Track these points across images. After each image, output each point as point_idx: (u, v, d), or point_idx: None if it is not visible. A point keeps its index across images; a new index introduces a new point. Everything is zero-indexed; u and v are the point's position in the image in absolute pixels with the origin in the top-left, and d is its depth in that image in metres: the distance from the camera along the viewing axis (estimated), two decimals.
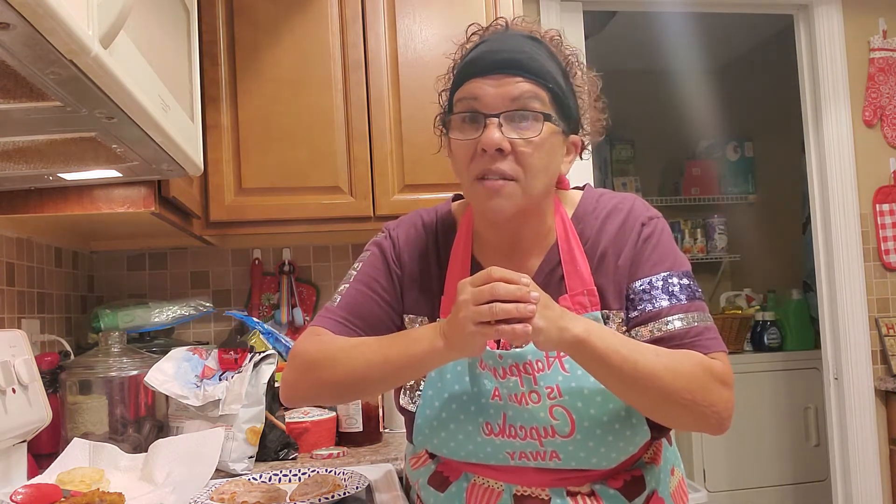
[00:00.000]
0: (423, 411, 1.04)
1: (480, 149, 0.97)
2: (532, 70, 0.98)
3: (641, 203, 1.08)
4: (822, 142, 2.78)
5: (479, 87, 0.98)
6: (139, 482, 1.33)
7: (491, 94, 0.97)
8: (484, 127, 0.97)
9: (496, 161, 0.97)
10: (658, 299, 1.00)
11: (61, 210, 1.44)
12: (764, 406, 3.41)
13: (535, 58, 0.99)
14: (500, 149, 0.96)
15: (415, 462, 1.17)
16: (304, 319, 2.24)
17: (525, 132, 0.97)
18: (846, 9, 2.79)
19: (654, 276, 1.01)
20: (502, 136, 0.96)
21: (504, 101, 0.97)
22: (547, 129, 0.98)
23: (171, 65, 1.17)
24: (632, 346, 0.92)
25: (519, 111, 0.97)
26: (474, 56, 1.01)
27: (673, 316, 0.99)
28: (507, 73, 0.98)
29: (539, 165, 0.98)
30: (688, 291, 1.01)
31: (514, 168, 0.97)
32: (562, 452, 0.99)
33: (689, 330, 0.98)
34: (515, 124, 0.97)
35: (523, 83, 0.97)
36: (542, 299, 0.87)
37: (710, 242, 4.05)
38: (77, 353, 1.79)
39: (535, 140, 0.97)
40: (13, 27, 0.66)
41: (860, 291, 2.72)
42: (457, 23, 1.98)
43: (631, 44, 3.63)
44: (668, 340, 0.98)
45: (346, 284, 1.11)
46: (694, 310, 1.00)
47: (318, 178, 1.91)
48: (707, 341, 0.98)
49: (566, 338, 0.88)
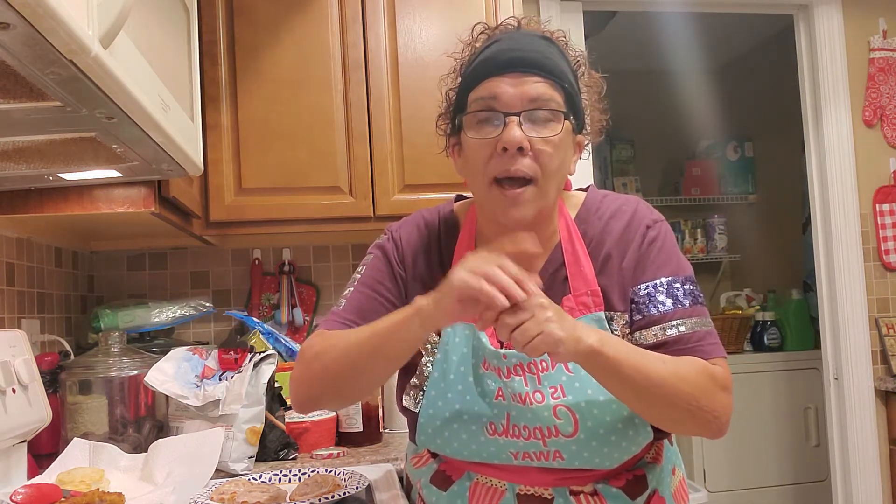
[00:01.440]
0: (427, 411, 1.04)
1: (501, 147, 0.96)
2: (549, 69, 0.98)
3: (645, 206, 1.08)
4: (822, 142, 2.78)
5: (498, 86, 0.97)
6: (139, 482, 1.33)
7: (510, 92, 0.97)
8: (504, 126, 0.96)
9: (515, 161, 0.96)
10: (662, 304, 1.00)
11: (61, 210, 1.44)
12: (764, 406, 3.41)
13: (551, 57, 0.99)
14: (520, 147, 0.96)
15: (416, 461, 1.17)
16: (304, 319, 2.24)
17: (545, 131, 0.97)
18: (846, 9, 2.79)
19: (658, 280, 1.02)
20: (524, 135, 0.96)
21: (523, 100, 0.96)
22: (565, 129, 0.98)
23: (171, 65, 1.17)
24: (640, 354, 0.93)
25: (540, 108, 0.97)
26: (489, 54, 1.00)
27: (676, 321, 0.99)
28: (525, 71, 0.97)
29: (555, 165, 0.99)
30: (691, 297, 1.01)
31: (533, 167, 0.97)
32: (565, 452, 0.99)
33: (692, 335, 0.99)
34: (535, 123, 0.97)
35: (541, 82, 0.97)
36: (556, 311, 0.86)
37: (710, 242, 4.05)
38: (77, 353, 1.79)
39: (553, 139, 0.97)
40: (13, 27, 0.66)
41: (860, 291, 2.72)
42: (457, 23, 1.99)
43: (631, 44, 3.62)
44: (670, 345, 0.98)
45: (351, 288, 1.11)
46: (696, 315, 1.01)
47: (318, 178, 1.91)
48: (708, 346, 0.99)
49: (581, 349, 0.87)
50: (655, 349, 0.99)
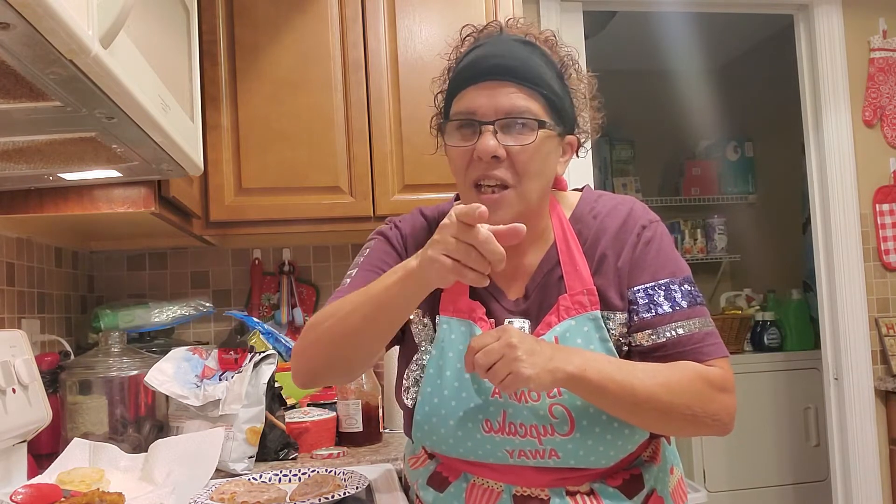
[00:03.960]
0: (423, 407, 1.04)
1: (476, 156, 0.98)
2: (525, 76, 0.99)
3: (641, 206, 1.09)
4: (822, 142, 2.78)
5: (474, 97, 0.99)
6: (139, 482, 1.33)
7: (485, 103, 0.98)
8: (479, 134, 0.98)
9: (492, 168, 0.98)
10: (660, 306, 1.00)
11: (61, 210, 1.44)
12: (764, 406, 3.41)
13: (528, 63, 1.00)
14: (495, 156, 0.97)
15: (414, 462, 1.17)
16: (304, 319, 2.23)
17: (520, 139, 0.98)
18: (846, 9, 2.79)
19: (655, 282, 1.02)
20: (497, 144, 0.97)
21: (497, 110, 0.98)
22: (541, 135, 0.99)
23: (171, 65, 1.17)
24: (627, 371, 0.94)
25: (513, 118, 0.97)
26: (468, 62, 1.02)
27: (675, 323, 1.00)
28: (500, 79, 0.98)
29: (534, 171, 0.99)
30: (689, 298, 1.02)
31: (510, 175, 0.98)
32: (561, 450, 0.99)
33: (692, 336, 0.99)
34: (510, 131, 0.98)
35: (517, 90, 0.98)
36: (526, 345, 0.88)
37: (710, 242, 4.05)
38: (77, 353, 1.79)
39: (530, 146, 0.98)
40: (13, 27, 0.66)
41: (860, 291, 2.72)
42: (457, 23, 1.96)
43: (631, 44, 3.62)
44: (670, 347, 0.99)
45: (355, 269, 1.11)
46: (695, 316, 1.01)
47: (318, 178, 1.91)
48: (708, 347, 0.99)
49: (559, 378, 0.90)
50: (655, 352, 0.99)
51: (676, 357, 0.98)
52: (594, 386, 0.91)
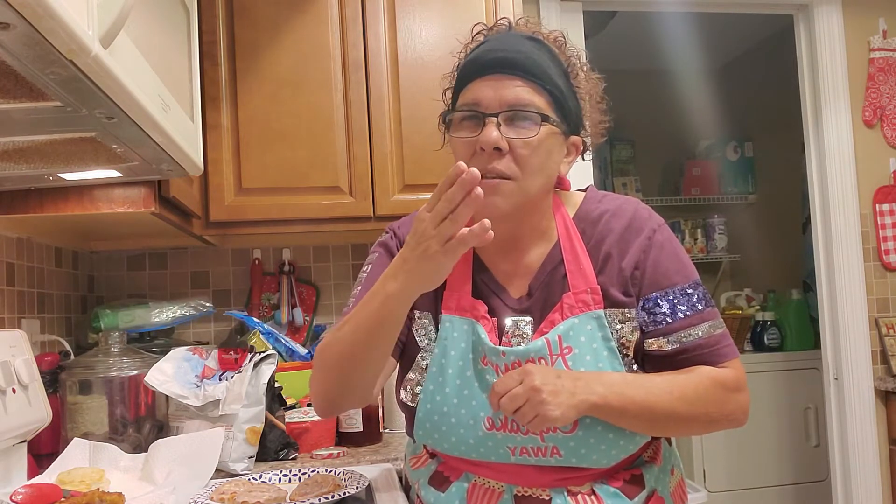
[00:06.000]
0: (425, 405, 1.04)
1: (479, 147, 0.98)
2: (530, 71, 0.99)
3: (644, 207, 1.09)
4: (822, 142, 2.78)
5: (479, 89, 1.00)
6: (139, 482, 1.33)
7: (489, 95, 0.99)
8: (483, 126, 0.98)
9: (494, 160, 0.98)
10: (676, 311, 1.02)
11: (61, 210, 1.44)
12: (764, 406, 3.40)
13: (534, 58, 1.00)
14: (498, 148, 0.97)
15: (415, 462, 1.17)
16: (304, 319, 2.23)
17: (523, 132, 0.98)
18: (846, 9, 2.79)
19: (670, 287, 1.03)
20: (500, 136, 0.97)
21: (501, 103, 0.98)
22: (545, 131, 0.99)
23: (171, 65, 1.17)
24: (646, 390, 0.97)
25: (517, 111, 0.98)
26: (475, 56, 1.03)
27: (694, 327, 1.02)
28: (505, 72, 0.99)
29: (536, 165, 0.99)
30: (704, 300, 1.04)
31: (512, 167, 0.98)
32: (563, 448, 0.99)
33: (709, 339, 1.02)
34: (514, 124, 0.98)
35: (522, 84, 0.99)
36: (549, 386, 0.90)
37: (710, 242, 4.06)
38: (77, 353, 1.79)
39: (532, 140, 0.98)
40: (13, 27, 0.66)
41: (860, 291, 2.72)
42: (457, 23, 1.99)
43: (631, 44, 3.62)
44: (689, 351, 1.02)
45: (359, 287, 1.11)
46: (710, 318, 1.03)
47: (318, 178, 1.91)
48: (723, 349, 1.03)
49: (584, 409, 0.94)
50: (676, 356, 1.02)
51: (695, 360, 1.01)
52: (617, 411, 0.95)
